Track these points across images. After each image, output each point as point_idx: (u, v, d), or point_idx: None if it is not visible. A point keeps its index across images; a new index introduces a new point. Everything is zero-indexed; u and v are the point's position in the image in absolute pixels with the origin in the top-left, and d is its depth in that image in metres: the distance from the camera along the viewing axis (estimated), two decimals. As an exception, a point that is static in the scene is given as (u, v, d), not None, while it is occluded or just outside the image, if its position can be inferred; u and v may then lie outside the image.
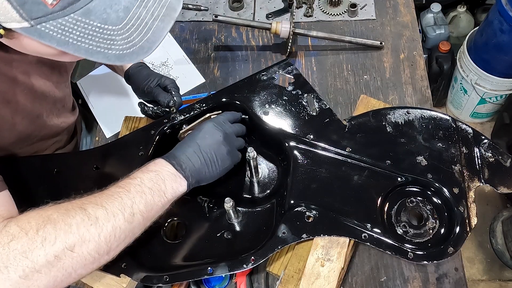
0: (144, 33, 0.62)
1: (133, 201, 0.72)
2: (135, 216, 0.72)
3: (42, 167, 0.95)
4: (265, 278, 0.91)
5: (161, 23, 0.64)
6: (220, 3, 1.38)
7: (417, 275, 0.90)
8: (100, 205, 0.70)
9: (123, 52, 0.62)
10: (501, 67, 1.80)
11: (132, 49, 0.62)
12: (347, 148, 0.92)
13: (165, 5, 0.64)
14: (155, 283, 0.82)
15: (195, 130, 0.88)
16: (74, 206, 0.69)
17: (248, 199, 0.96)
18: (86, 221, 0.67)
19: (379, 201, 0.88)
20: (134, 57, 0.63)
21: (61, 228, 0.65)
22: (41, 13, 0.56)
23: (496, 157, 0.90)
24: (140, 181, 0.75)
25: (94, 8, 0.58)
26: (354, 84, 1.18)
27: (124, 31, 0.61)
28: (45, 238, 0.64)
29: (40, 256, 0.63)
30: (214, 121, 0.89)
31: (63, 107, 1.05)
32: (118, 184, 0.75)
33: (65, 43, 0.59)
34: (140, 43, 0.63)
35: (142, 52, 0.63)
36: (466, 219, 0.84)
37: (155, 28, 0.63)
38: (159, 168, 0.79)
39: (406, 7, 1.31)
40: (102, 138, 1.18)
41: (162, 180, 0.77)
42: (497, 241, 1.91)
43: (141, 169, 0.79)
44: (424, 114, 0.95)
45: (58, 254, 0.64)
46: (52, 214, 0.67)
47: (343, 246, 0.85)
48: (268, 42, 1.29)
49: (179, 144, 0.85)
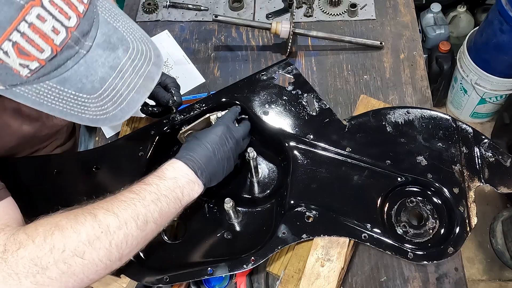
0: (118, 103, 0.63)
1: (148, 209, 0.71)
2: (149, 224, 0.71)
3: (42, 168, 0.95)
4: (265, 278, 0.91)
5: (136, 94, 0.64)
6: (220, 3, 1.38)
7: (417, 275, 0.90)
8: (111, 212, 0.69)
9: (96, 117, 0.63)
10: (501, 67, 1.80)
11: (105, 116, 0.63)
12: (347, 148, 0.92)
13: (143, 75, 0.64)
14: (155, 283, 0.82)
15: (210, 132, 0.85)
16: (84, 212, 0.68)
17: (248, 199, 0.96)
18: (96, 229, 0.66)
19: (379, 201, 0.88)
20: (107, 122, 0.64)
21: (70, 235, 0.64)
22: (16, 82, 0.57)
23: (496, 157, 0.90)
24: (156, 188, 0.74)
25: (69, 77, 0.59)
26: (354, 84, 1.18)
27: (98, 100, 0.62)
28: (54, 245, 0.63)
29: (49, 263, 0.62)
30: (226, 124, 0.87)
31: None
32: (132, 189, 0.73)
33: (39, 104, 0.60)
34: (114, 112, 0.63)
35: (115, 119, 0.64)
36: (466, 219, 0.84)
37: (130, 99, 0.64)
38: (178, 175, 0.77)
39: (406, 7, 1.31)
40: (102, 138, 1.18)
41: (180, 188, 0.76)
42: (497, 241, 1.91)
43: (158, 174, 0.77)
44: (424, 114, 0.95)
45: (68, 261, 0.64)
46: (60, 221, 0.66)
47: (343, 246, 0.85)
48: (268, 42, 1.29)
49: (195, 143, 0.83)
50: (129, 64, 0.62)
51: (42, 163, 0.96)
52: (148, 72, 0.65)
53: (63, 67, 0.58)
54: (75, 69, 0.59)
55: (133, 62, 0.63)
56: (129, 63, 0.62)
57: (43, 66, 0.57)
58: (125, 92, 0.63)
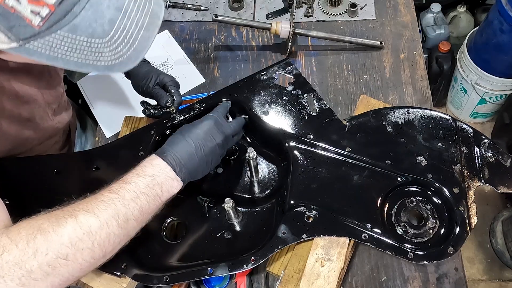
0: (131, 43, 0.63)
1: (128, 208, 0.72)
2: (129, 221, 0.72)
3: (42, 168, 0.95)
4: (265, 278, 0.91)
5: (146, 32, 0.65)
6: (220, 3, 1.38)
7: (417, 275, 0.90)
8: (92, 213, 0.69)
9: (111, 63, 0.63)
10: (501, 67, 1.80)
11: (120, 59, 0.63)
12: (347, 148, 0.92)
13: (148, 13, 0.65)
14: (155, 283, 0.82)
15: (196, 128, 0.84)
16: (65, 214, 0.68)
17: (248, 199, 0.96)
18: (78, 230, 0.67)
19: (379, 201, 0.88)
20: (122, 67, 0.64)
21: (52, 239, 0.65)
22: (29, 34, 0.58)
23: (496, 157, 0.90)
24: (135, 186, 0.74)
25: (79, 24, 0.59)
26: (354, 84, 1.18)
27: (111, 43, 0.62)
28: (37, 249, 0.64)
29: (34, 266, 0.63)
30: (213, 119, 0.86)
31: (58, 108, 1.05)
32: (111, 188, 0.74)
33: (54, 58, 0.60)
34: (128, 54, 0.64)
35: (130, 62, 0.65)
36: (466, 219, 0.84)
37: (141, 38, 0.64)
38: (157, 172, 0.77)
39: (406, 7, 1.31)
40: (102, 138, 1.18)
41: (159, 185, 0.76)
42: (497, 241, 1.91)
43: (136, 171, 0.77)
44: (424, 114, 0.95)
45: (52, 263, 0.64)
46: (42, 224, 0.66)
47: (343, 246, 0.85)
48: (268, 42, 1.29)
49: (178, 139, 0.82)
50: (132, 3, 0.62)
51: (42, 163, 0.96)
52: (152, 10, 0.65)
53: (71, 13, 0.58)
54: (83, 14, 0.59)
55: (136, 2, 0.63)
56: (133, 3, 0.62)
57: (53, 13, 0.57)
58: (135, 31, 0.63)
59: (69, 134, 1.18)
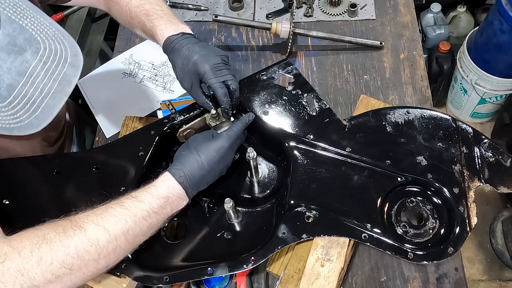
0: (32, 111, 0.60)
1: (138, 225, 0.72)
2: (138, 237, 0.73)
3: (42, 168, 0.95)
4: (265, 278, 0.91)
5: (51, 100, 0.61)
6: (220, 3, 1.38)
7: (417, 275, 0.90)
8: (102, 226, 0.69)
9: (10, 126, 0.60)
10: (501, 67, 1.80)
11: (19, 125, 0.60)
12: (347, 148, 0.92)
13: (58, 79, 0.61)
14: (155, 283, 0.82)
15: (211, 149, 0.82)
16: (73, 225, 0.68)
17: (248, 199, 0.96)
18: (85, 243, 0.66)
19: (379, 201, 0.88)
20: (22, 131, 0.61)
21: (58, 249, 0.65)
22: None
23: (496, 157, 0.90)
24: (148, 206, 0.74)
25: None
26: (354, 84, 1.18)
27: (9, 108, 0.58)
28: (41, 258, 0.63)
29: (37, 274, 0.63)
30: (232, 140, 0.84)
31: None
32: (124, 203, 0.73)
33: None
34: (28, 120, 0.60)
35: (31, 128, 0.61)
36: (466, 219, 0.84)
37: (45, 106, 0.61)
38: (171, 194, 0.78)
39: (406, 7, 1.31)
40: (102, 138, 1.18)
41: (170, 205, 0.78)
42: (497, 241, 1.91)
43: (150, 190, 0.76)
44: (424, 114, 0.95)
45: (55, 272, 0.64)
46: (48, 234, 0.66)
47: (343, 246, 0.85)
48: (268, 42, 1.29)
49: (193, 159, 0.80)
50: (40, 67, 0.58)
51: (42, 163, 0.96)
52: (64, 74, 0.61)
53: None
54: None
55: (45, 65, 0.58)
56: (41, 66, 0.58)
57: None
58: (38, 99, 0.59)
59: (66, 133, 1.18)
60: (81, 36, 1.58)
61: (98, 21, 1.68)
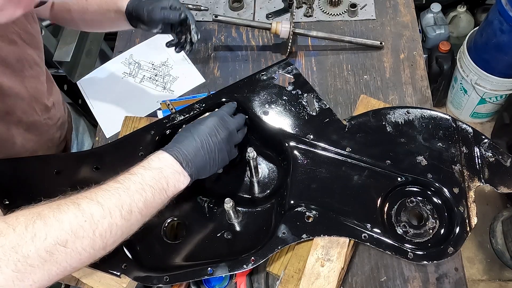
0: None
1: (132, 199, 0.71)
2: (133, 213, 0.71)
3: (42, 168, 0.95)
4: (265, 278, 0.91)
5: None
6: (220, 3, 1.38)
7: (417, 275, 0.90)
8: (96, 201, 0.68)
9: None
10: (501, 67, 1.80)
11: None
12: (347, 148, 0.92)
13: None
14: (155, 283, 0.82)
15: (201, 124, 0.85)
16: (67, 201, 0.68)
17: (248, 199, 0.96)
18: (79, 217, 0.66)
19: (379, 201, 0.88)
20: None
21: (52, 224, 0.64)
22: None
23: (496, 157, 0.90)
24: (141, 178, 0.74)
25: None
26: (354, 84, 1.18)
27: None
28: (35, 234, 0.63)
29: (31, 251, 0.62)
30: (218, 115, 0.87)
31: (48, 103, 1.04)
32: (117, 179, 0.74)
33: None
34: None
35: None
36: (466, 219, 0.84)
37: None
38: (164, 165, 0.77)
39: (406, 7, 1.31)
40: (102, 138, 1.18)
41: (165, 178, 0.76)
42: (497, 241, 1.91)
43: (143, 164, 0.77)
44: (424, 114, 0.95)
45: (50, 249, 0.63)
46: (43, 210, 0.65)
47: (343, 246, 0.85)
48: (268, 42, 1.29)
49: (183, 135, 0.83)
50: None
51: (42, 163, 0.96)
52: None
53: None
54: None
55: None
56: None
57: None
58: None
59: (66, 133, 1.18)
60: (81, 36, 1.57)
61: (98, 21, 1.68)
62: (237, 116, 0.93)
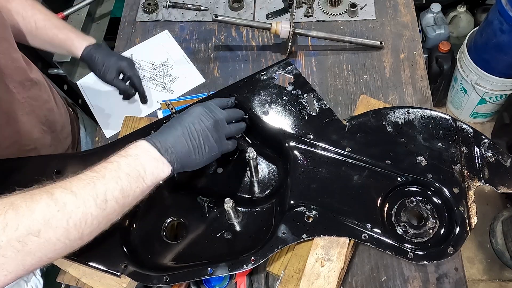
0: None
1: (107, 187, 0.69)
2: (109, 202, 0.69)
3: (42, 168, 0.95)
4: (265, 278, 0.91)
5: None
6: (220, 3, 1.38)
7: (417, 275, 0.90)
8: (69, 190, 0.66)
9: None
10: (501, 67, 1.80)
11: None
12: (347, 148, 0.92)
13: None
14: (155, 283, 0.82)
15: (184, 113, 0.83)
16: (41, 191, 0.66)
17: (248, 199, 0.96)
18: (52, 207, 0.64)
19: (379, 201, 0.88)
20: None
21: (23, 213, 0.62)
22: None
23: (496, 157, 0.90)
24: (117, 165, 0.72)
25: None
26: (354, 84, 1.18)
27: None
28: (7, 223, 0.61)
29: (2, 241, 0.60)
30: (204, 105, 0.85)
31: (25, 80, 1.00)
32: (93, 168, 0.72)
33: None
34: None
35: None
36: (466, 219, 0.84)
37: None
38: (140, 152, 0.75)
39: (406, 7, 1.31)
40: (102, 138, 1.18)
41: (142, 165, 0.73)
42: (497, 241, 1.91)
43: (120, 152, 0.75)
44: (424, 114, 0.95)
45: (22, 239, 0.61)
46: (15, 200, 0.64)
47: (343, 246, 0.85)
48: (268, 42, 1.29)
49: (165, 126, 0.82)
50: None
51: (42, 163, 0.96)
52: None
53: None
54: None
55: None
56: None
57: None
58: None
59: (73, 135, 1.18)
60: (81, 36, 1.57)
61: (98, 21, 1.68)
62: (229, 109, 0.91)
